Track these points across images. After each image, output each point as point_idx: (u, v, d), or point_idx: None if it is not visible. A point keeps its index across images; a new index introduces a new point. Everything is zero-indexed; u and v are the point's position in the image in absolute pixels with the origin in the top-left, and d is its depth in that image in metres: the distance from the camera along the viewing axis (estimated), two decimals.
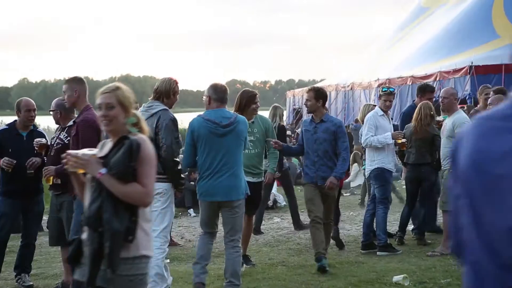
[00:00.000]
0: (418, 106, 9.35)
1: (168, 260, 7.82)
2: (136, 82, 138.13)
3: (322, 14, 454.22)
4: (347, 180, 15.83)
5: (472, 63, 22.08)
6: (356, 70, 32.15)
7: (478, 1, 27.01)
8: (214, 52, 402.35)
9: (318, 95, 8.03)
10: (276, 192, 14.12)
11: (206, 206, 6.77)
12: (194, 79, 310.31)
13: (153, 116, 6.54)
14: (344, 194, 15.06)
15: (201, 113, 6.84)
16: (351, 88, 29.41)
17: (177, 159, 6.66)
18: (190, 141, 6.70)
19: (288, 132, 17.34)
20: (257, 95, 7.96)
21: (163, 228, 6.57)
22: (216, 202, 6.69)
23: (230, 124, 6.62)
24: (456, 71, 22.65)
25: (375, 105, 9.96)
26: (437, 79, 22.84)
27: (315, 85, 8.02)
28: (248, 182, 7.11)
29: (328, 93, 32.90)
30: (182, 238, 11.07)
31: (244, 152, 7.00)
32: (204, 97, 6.89)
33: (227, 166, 6.60)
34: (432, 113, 9.21)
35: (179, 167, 6.68)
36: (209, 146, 6.60)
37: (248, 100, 7.79)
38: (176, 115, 6.89)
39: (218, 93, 6.73)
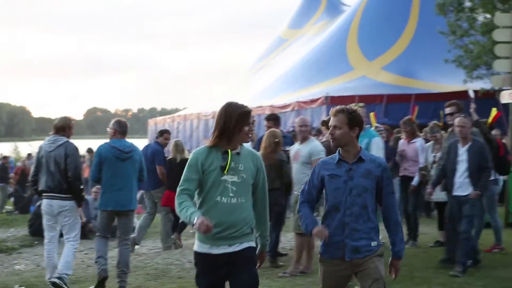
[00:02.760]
0: (265, 134, 9.87)
1: None
2: None
3: (187, 43, 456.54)
4: None
5: (327, 93, 23.04)
6: (218, 99, 32.63)
7: (333, 34, 28.25)
8: (74, 79, 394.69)
9: (353, 120, 5.17)
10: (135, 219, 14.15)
11: (107, 214, 8.54)
12: (53, 107, 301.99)
13: (60, 147, 8.34)
14: None
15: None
16: (213, 117, 29.80)
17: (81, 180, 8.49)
18: (97, 162, 8.50)
19: None
20: (251, 113, 5.11)
21: (74, 235, 8.50)
22: (115, 211, 8.46)
23: (130, 152, 8.45)
24: (313, 101, 23.53)
25: None
26: (295, 109, 23.63)
27: (344, 106, 5.26)
28: (220, 254, 4.91)
29: (189, 122, 33.00)
30: (38, 266, 10.87)
31: (218, 202, 4.91)
32: (109, 129, 8.64)
33: (126, 184, 8.41)
34: (276, 140, 9.67)
35: (82, 186, 8.55)
36: (113, 168, 8.38)
37: (239, 120, 4.98)
38: (32, 142, 7.51)
39: (121, 127, 8.59)
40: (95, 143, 9.33)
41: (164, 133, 12.39)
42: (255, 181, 5.09)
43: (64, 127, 8.47)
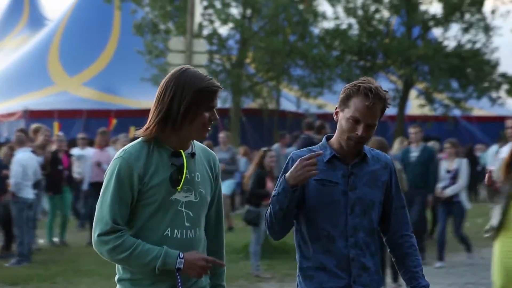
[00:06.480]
0: None
1: None
2: None
3: None
4: None
5: (26, 107, 22.91)
6: None
7: (34, 48, 28.06)
8: None
9: (384, 109, 3.35)
10: None
11: None
12: None
13: None
14: None
15: None
16: None
17: None
18: None
19: None
20: (218, 91, 3.04)
21: None
22: None
23: None
24: (10, 114, 23.26)
25: None
26: None
27: None
28: None
29: None
30: None
31: (168, 238, 3.02)
32: None
33: None
34: None
35: None
36: None
37: (197, 99, 2.98)
38: None
39: None
40: None
41: None
42: (213, 190, 3.20)
43: None
